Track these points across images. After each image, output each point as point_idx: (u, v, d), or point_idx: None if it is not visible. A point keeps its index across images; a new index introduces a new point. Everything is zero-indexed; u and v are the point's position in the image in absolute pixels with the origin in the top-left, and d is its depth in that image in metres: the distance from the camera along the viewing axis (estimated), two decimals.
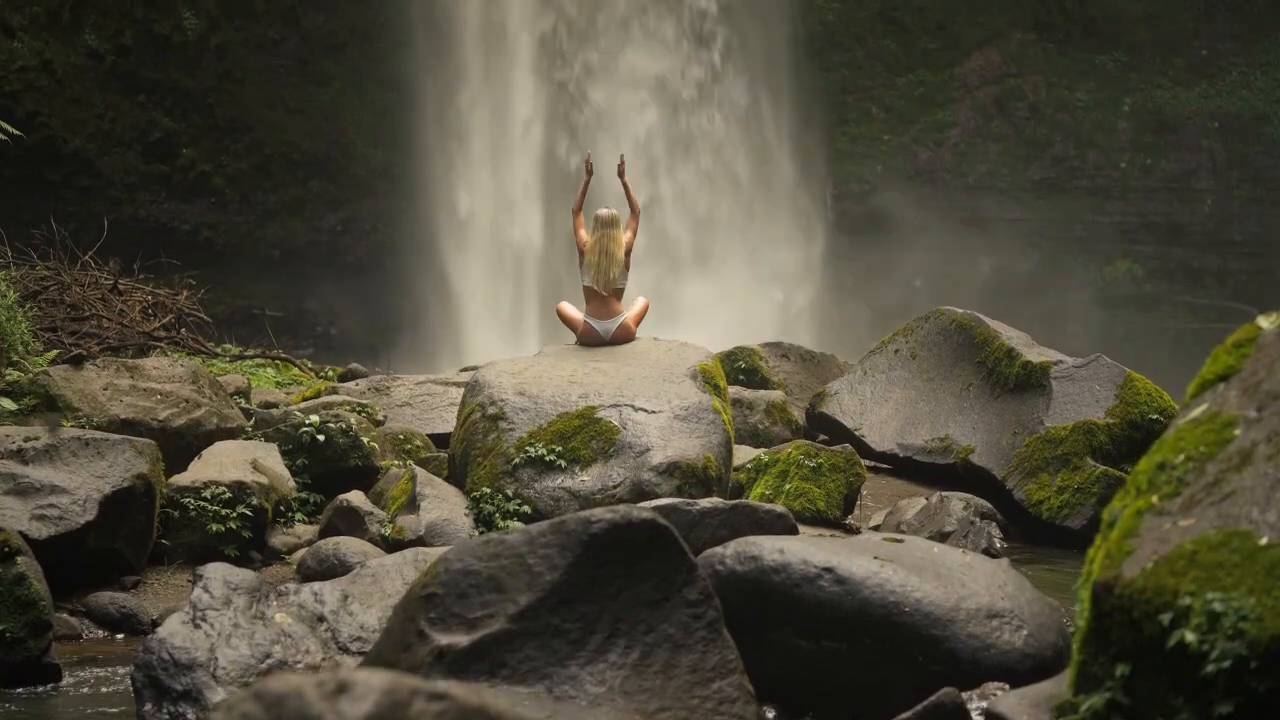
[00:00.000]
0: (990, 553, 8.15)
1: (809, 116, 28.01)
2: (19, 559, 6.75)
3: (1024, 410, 9.85)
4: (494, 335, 25.36)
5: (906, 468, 10.45)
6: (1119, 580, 3.95)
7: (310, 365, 14.43)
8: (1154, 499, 4.12)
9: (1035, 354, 10.20)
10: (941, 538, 8.48)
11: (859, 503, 9.58)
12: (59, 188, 24.81)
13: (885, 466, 10.64)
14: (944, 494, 9.29)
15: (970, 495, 9.43)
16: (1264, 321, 4.44)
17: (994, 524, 9.16)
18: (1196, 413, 4.31)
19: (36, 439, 8.08)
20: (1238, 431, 4.16)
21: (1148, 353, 27.69)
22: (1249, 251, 28.14)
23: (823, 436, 11.09)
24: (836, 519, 9.09)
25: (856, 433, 10.66)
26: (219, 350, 13.90)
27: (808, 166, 27.92)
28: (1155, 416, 9.59)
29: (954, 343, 10.61)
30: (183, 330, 13.60)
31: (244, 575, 6.39)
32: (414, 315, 25.91)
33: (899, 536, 6.60)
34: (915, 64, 28.88)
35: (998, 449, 9.84)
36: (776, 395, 11.21)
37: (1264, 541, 3.80)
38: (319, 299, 26.15)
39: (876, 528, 9.30)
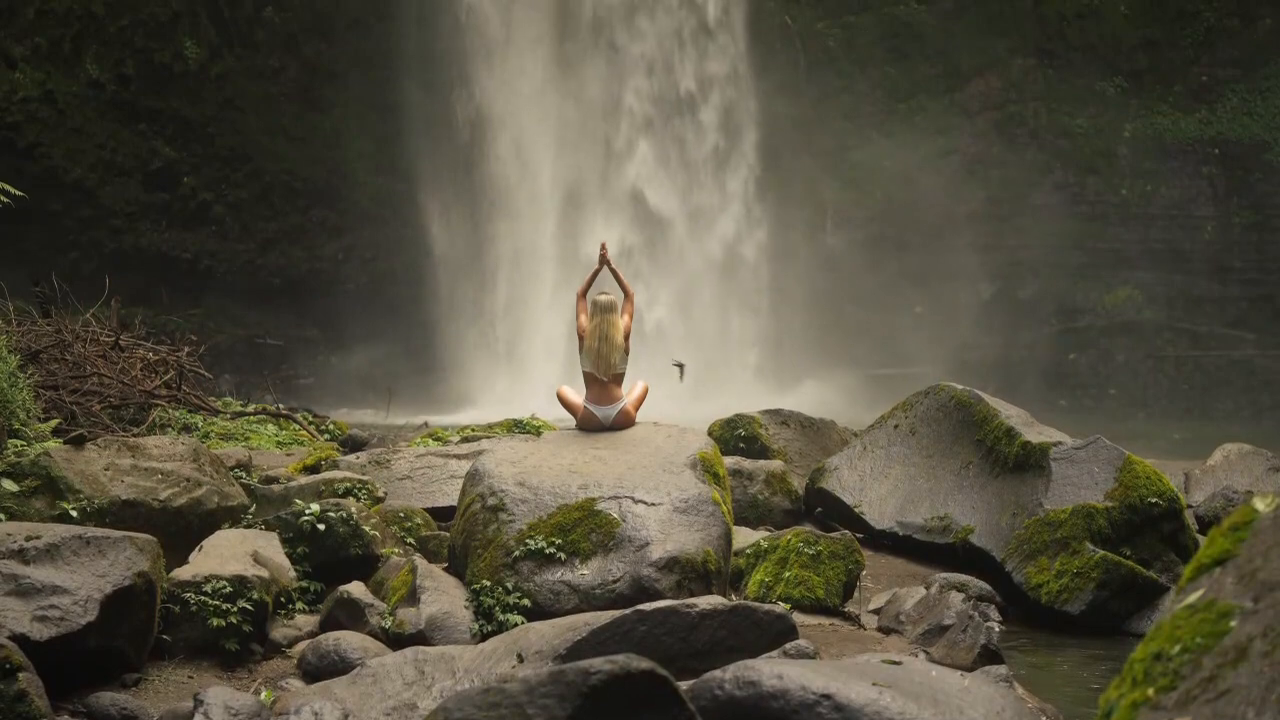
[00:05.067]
0: (989, 648, 8.17)
1: (810, 141, 28.02)
2: (20, 675, 6.77)
3: (1023, 491, 9.87)
4: (494, 367, 25.40)
5: (906, 545, 10.47)
6: None
7: (310, 419, 14.44)
8: (1150, 691, 4.11)
9: (1034, 433, 10.21)
10: (940, 630, 8.51)
11: (859, 584, 9.60)
12: (60, 218, 24.87)
13: (885, 542, 10.67)
14: (944, 579, 9.31)
15: (970, 578, 9.46)
16: (1260, 504, 4.42)
17: (993, 608, 9.16)
18: (1193, 599, 4.30)
19: (38, 537, 8.09)
20: (1234, 623, 4.15)
21: (1149, 379, 27.78)
22: (1249, 278, 28.18)
23: (819, 509, 11.14)
24: (836, 606, 9.12)
25: (856, 509, 10.70)
26: (220, 406, 13.91)
27: (808, 192, 27.91)
28: (1154, 500, 9.60)
29: (953, 420, 10.62)
30: (183, 387, 13.61)
31: (244, 700, 6.41)
32: (414, 344, 25.94)
33: (897, 658, 6.63)
34: (916, 90, 28.93)
35: (997, 530, 9.86)
36: (776, 465, 11.25)
37: None
38: (320, 327, 26.19)
39: (876, 611, 9.32)
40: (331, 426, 14.13)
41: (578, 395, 9.69)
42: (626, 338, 9.54)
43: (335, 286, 26.40)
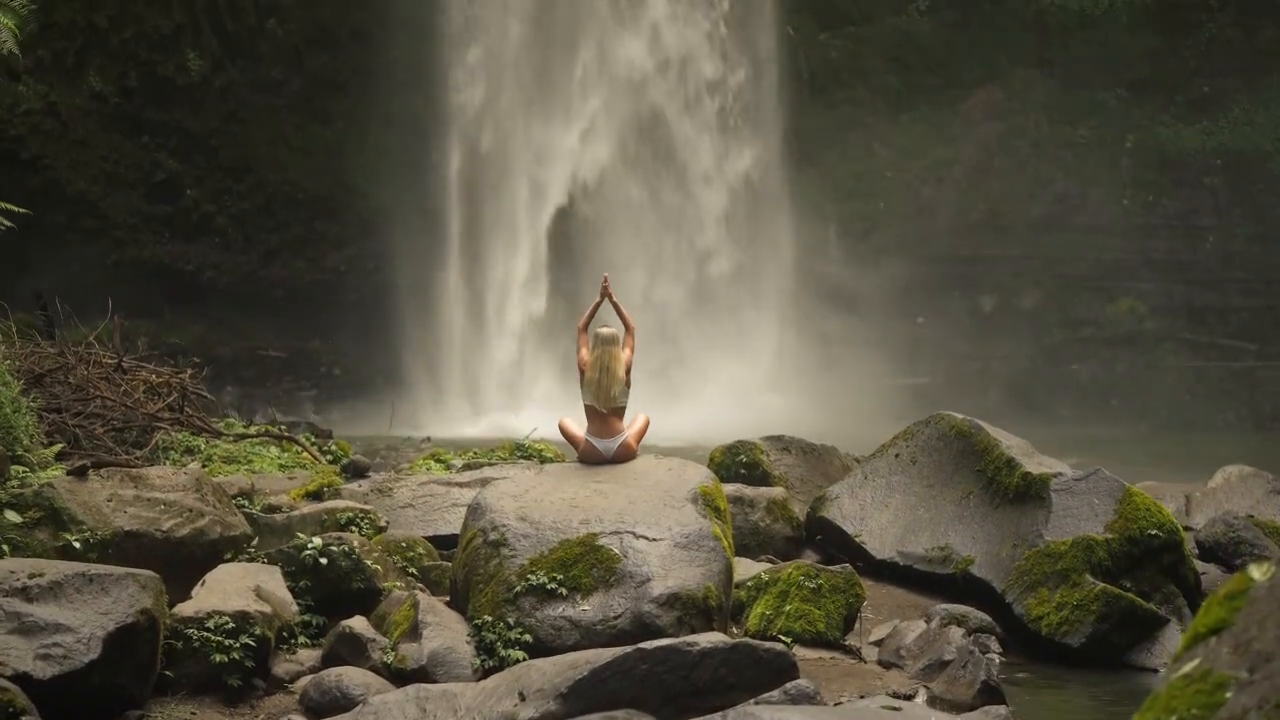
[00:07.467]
0: (989, 684, 8.19)
1: (812, 154, 28.04)
2: (23, 719, 6.81)
3: (1023, 522, 9.90)
4: (496, 380, 25.42)
5: (907, 575, 10.50)
6: None
7: (312, 439, 14.48)
8: None
9: (1034, 464, 10.23)
10: (941, 666, 8.55)
11: (859, 615, 9.63)
12: (63, 230, 24.91)
13: (886, 572, 10.69)
14: (944, 610, 9.35)
15: (970, 610, 9.49)
16: (1255, 572, 4.43)
17: (993, 640, 9.19)
18: (1188, 668, 4.31)
19: (41, 575, 8.11)
20: (1229, 694, 4.17)
21: (1150, 390, 27.78)
22: (1251, 289, 28.20)
23: (820, 537, 11.18)
24: (836, 639, 9.16)
25: (857, 539, 10.73)
26: (222, 428, 13.95)
27: (811, 203, 27.93)
28: (1154, 532, 9.62)
29: (954, 449, 10.64)
30: (186, 409, 13.65)
31: None
32: (417, 356, 25.97)
33: (897, 704, 6.66)
34: (918, 100, 28.95)
35: (997, 560, 9.88)
36: (777, 492, 11.29)
37: None
38: (322, 339, 26.24)
39: (878, 644, 9.35)
40: (334, 448, 14.17)
41: (579, 427, 9.71)
42: (628, 371, 9.56)
43: (338, 298, 26.44)
